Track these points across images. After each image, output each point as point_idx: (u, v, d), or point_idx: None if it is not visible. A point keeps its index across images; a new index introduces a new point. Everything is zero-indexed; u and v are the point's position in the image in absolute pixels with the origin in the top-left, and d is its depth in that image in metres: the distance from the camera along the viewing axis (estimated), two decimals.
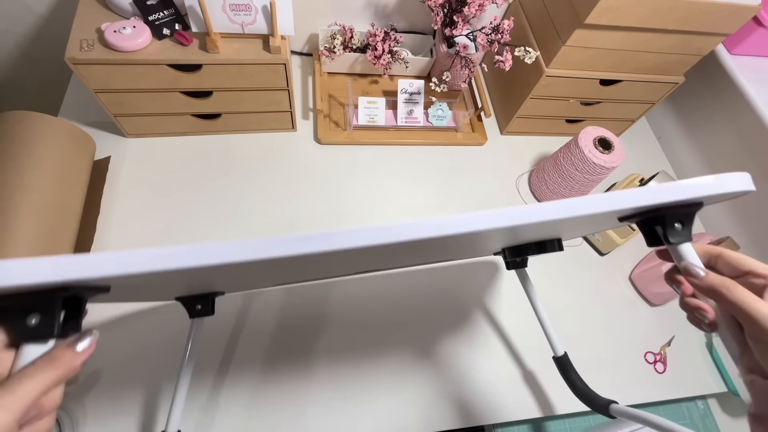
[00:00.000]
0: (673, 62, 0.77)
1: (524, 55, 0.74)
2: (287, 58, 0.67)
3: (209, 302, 0.49)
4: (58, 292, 0.23)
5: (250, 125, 0.80)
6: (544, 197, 0.84)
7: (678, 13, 0.65)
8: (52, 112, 0.66)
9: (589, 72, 0.77)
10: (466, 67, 0.83)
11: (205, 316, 0.49)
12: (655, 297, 0.78)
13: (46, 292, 0.23)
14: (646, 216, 0.32)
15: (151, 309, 0.63)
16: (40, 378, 0.22)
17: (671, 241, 0.31)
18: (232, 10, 0.62)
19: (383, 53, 0.82)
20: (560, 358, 0.59)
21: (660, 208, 0.30)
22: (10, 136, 0.59)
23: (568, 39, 0.69)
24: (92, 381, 0.57)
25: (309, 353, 0.64)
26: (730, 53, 0.83)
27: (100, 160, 0.72)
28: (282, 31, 0.66)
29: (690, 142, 0.98)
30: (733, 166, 0.88)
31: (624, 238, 0.78)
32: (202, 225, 0.71)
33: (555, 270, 0.78)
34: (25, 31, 0.86)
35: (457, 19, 0.76)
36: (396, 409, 0.62)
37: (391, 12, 0.88)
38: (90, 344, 0.25)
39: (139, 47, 0.62)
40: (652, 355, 0.74)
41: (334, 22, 0.84)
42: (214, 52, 0.64)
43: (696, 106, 0.96)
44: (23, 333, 0.24)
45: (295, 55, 0.94)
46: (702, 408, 0.75)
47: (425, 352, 0.67)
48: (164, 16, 0.64)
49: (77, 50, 0.60)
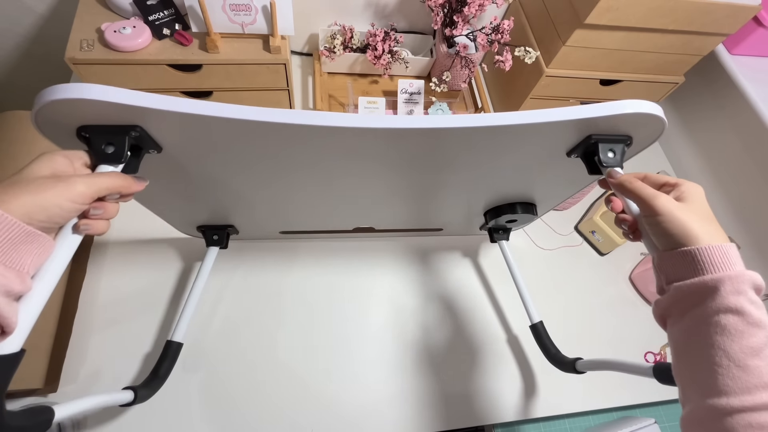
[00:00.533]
0: (673, 62, 0.77)
1: (524, 55, 0.74)
2: (287, 58, 0.67)
3: (224, 236, 0.62)
4: (129, 130, 0.33)
5: None
6: None
7: (678, 13, 0.65)
8: None
9: (589, 72, 0.77)
10: (466, 67, 0.83)
11: (219, 246, 0.61)
12: (655, 297, 0.78)
13: (121, 129, 0.33)
14: (586, 148, 0.40)
15: (151, 309, 0.63)
16: (111, 179, 0.32)
17: (604, 165, 0.39)
18: (232, 10, 0.62)
19: (383, 53, 0.82)
20: (536, 325, 0.64)
21: (592, 136, 0.39)
22: (10, 136, 0.59)
23: (568, 39, 0.69)
24: (92, 381, 0.57)
25: (307, 351, 0.64)
26: (730, 53, 0.83)
27: None
28: (282, 31, 0.66)
29: (690, 142, 0.98)
30: (733, 165, 0.88)
31: (624, 238, 0.78)
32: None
33: (555, 270, 0.78)
34: (25, 31, 0.86)
35: (457, 19, 0.76)
36: (396, 409, 0.62)
37: (391, 12, 0.88)
38: (143, 183, 0.35)
39: (139, 47, 0.62)
40: (652, 354, 0.74)
41: (334, 22, 0.84)
42: (214, 52, 0.64)
43: (696, 106, 0.96)
44: (102, 157, 0.33)
45: (295, 55, 0.94)
46: None
47: (424, 352, 0.67)
48: (164, 16, 0.64)
49: (77, 50, 0.60)
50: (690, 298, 0.31)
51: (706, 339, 0.30)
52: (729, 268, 0.30)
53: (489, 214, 0.62)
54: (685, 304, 0.32)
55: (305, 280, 0.69)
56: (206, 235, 0.61)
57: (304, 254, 0.71)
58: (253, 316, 0.65)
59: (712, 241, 0.31)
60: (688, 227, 0.32)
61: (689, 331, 0.31)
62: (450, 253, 0.76)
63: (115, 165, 0.33)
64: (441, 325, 0.69)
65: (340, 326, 0.67)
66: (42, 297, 0.29)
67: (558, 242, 0.81)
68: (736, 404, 0.27)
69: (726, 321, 0.29)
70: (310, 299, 0.68)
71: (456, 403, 0.64)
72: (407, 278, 0.73)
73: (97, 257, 0.65)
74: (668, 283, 0.33)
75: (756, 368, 0.28)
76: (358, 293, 0.70)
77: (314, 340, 0.65)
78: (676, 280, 0.32)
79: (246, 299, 0.66)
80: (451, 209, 0.63)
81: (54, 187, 0.28)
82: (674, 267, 0.33)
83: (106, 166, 0.33)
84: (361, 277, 0.71)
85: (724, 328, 0.29)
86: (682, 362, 0.32)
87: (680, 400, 0.32)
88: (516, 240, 0.80)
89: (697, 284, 0.31)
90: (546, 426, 0.69)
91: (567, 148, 0.42)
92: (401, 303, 0.70)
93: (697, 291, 0.31)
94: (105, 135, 0.33)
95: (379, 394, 0.63)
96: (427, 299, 0.71)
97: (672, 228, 0.33)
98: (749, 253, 0.85)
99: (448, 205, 0.61)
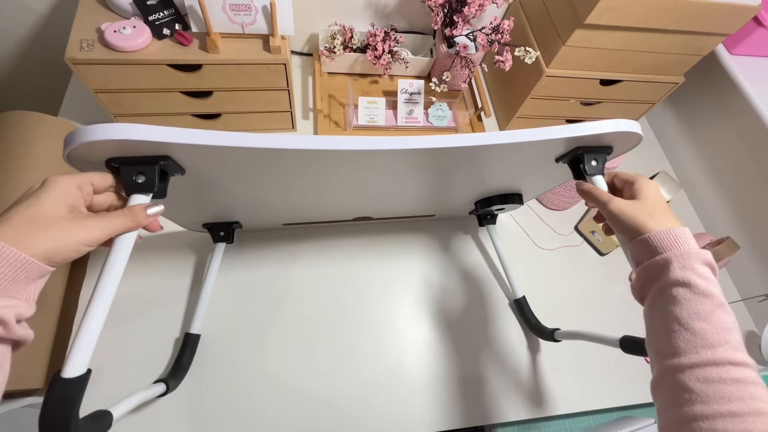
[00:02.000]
0: (673, 62, 0.77)
1: (524, 55, 0.74)
2: (287, 58, 0.67)
3: (230, 231, 0.65)
4: (158, 159, 0.35)
5: (251, 125, 0.80)
6: (544, 197, 0.84)
7: (678, 13, 0.65)
8: (52, 112, 0.66)
9: (589, 72, 0.77)
10: (466, 67, 0.83)
11: (225, 241, 0.65)
12: None
13: (150, 159, 0.35)
14: (573, 157, 0.46)
15: (150, 309, 0.63)
16: (124, 223, 0.33)
17: (588, 172, 0.45)
18: (232, 10, 0.62)
19: (383, 53, 0.82)
20: (519, 300, 0.71)
21: (579, 148, 0.45)
22: (10, 136, 0.59)
23: (568, 39, 0.69)
24: (92, 381, 0.57)
25: (305, 349, 0.64)
26: (730, 53, 0.83)
27: None
28: (282, 31, 0.66)
29: (690, 142, 0.98)
30: (733, 165, 0.88)
31: None
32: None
33: (555, 270, 0.78)
34: (25, 31, 0.86)
35: (457, 19, 0.76)
36: (396, 409, 0.62)
37: (391, 12, 0.88)
38: (156, 211, 0.36)
39: (139, 47, 0.62)
40: None
41: (334, 22, 0.84)
42: (214, 52, 0.64)
43: (696, 106, 0.96)
44: (133, 187, 0.35)
45: (295, 55, 0.94)
46: None
47: (424, 352, 0.67)
48: (164, 16, 0.64)
49: (77, 50, 0.59)
50: (650, 276, 0.36)
51: (662, 310, 0.34)
52: (678, 248, 0.35)
53: (479, 203, 0.68)
54: (647, 282, 0.37)
55: (308, 273, 0.70)
56: (212, 232, 0.65)
57: (307, 248, 0.71)
58: (251, 313, 0.65)
59: (660, 228, 0.37)
60: (639, 221, 0.38)
61: (651, 305, 0.36)
62: (450, 252, 0.77)
63: (146, 194, 0.36)
64: (440, 325, 0.69)
65: (339, 327, 0.67)
66: (101, 317, 0.33)
67: (558, 242, 0.81)
68: (685, 362, 0.31)
69: (676, 292, 0.34)
70: (309, 294, 0.68)
71: (456, 403, 0.64)
72: (407, 274, 0.73)
73: (96, 258, 0.65)
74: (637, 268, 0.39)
75: (702, 330, 0.32)
76: (356, 291, 0.70)
77: (313, 341, 0.65)
78: (640, 264, 0.38)
79: (246, 294, 0.67)
80: (445, 200, 0.67)
81: (74, 235, 0.30)
82: (638, 254, 0.38)
83: (139, 196, 0.35)
84: (359, 275, 0.71)
85: (674, 298, 0.34)
86: (650, 334, 0.36)
87: (651, 370, 0.36)
88: (516, 239, 0.80)
89: (652, 264, 0.36)
90: (546, 426, 0.69)
91: (556, 156, 0.48)
92: (401, 302, 0.70)
93: (653, 270, 0.36)
94: (135, 166, 0.35)
95: (379, 394, 0.63)
96: (427, 298, 0.71)
97: (627, 224, 0.39)
98: (749, 253, 0.85)
99: (443, 198, 0.65)
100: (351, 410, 0.61)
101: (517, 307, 0.71)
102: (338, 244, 0.73)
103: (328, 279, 0.70)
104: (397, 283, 0.72)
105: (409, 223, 0.77)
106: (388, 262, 0.74)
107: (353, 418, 0.61)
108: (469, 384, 0.65)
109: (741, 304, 0.84)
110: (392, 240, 0.76)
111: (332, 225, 0.73)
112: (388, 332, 0.67)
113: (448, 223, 0.79)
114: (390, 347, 0.66)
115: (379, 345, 0.66)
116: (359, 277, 0.71)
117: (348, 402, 0.61)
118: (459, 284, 0.74)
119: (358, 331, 0.67)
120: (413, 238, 0.77)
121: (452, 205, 0.71)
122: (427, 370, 0.65)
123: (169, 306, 0.64)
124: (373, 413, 0.61)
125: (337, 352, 0.65)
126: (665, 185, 0.75)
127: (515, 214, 0.83)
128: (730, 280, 0.88)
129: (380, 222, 0.75)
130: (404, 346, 0.67)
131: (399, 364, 0.65)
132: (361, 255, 0.73)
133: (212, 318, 0.63)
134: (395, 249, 0.75)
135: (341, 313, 0.68)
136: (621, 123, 0.43)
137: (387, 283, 0.72)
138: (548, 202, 0.85)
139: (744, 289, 0.86)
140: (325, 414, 0.60)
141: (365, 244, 0.75)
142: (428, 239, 0.77)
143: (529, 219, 0.83)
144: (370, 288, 0.71)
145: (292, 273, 0.70)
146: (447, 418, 0.62)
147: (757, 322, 0.83)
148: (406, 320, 0.69)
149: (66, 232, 0.30)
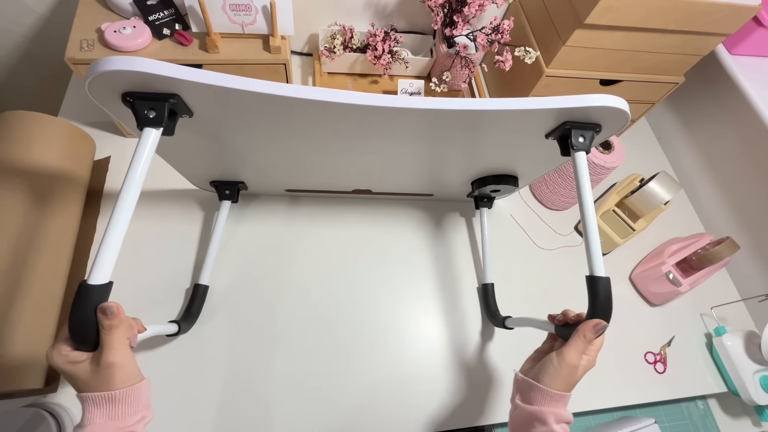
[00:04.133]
0: (673, 62, 0.77)
1: (524, 55, 0.74)
2: (287, 58, 0.67)
3: (235, 191, 0.69)
4: (168, 97, 0.39)
5: None
6: (544, 197, 0.84)
7: (678, 13, 0.65)
8: (52, 112, 0.66)
9: (589, 72, 0.77)
10: (466, 67, 0.83)
11: (230, 200, 0.70)
12: (655, 297, 0.78)
13: (161, 97, 0.39)
14: (562, 132, 0.47)
15: (148, 309, 0.63)
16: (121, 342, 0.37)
17: (574, 147, 0.46)
18: (232, 10, 0.62)
19: (383, 53, 0.82)
20: (486, 285, 0.73)
21: (567, 122, 0.46)
22: (10, 136, 0.59)
23: (568, 39, 0.69)
24: None
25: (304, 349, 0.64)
26: (730, 53, 0.83)
27: (100, 160, 0.72)
28: (282, 31, 0.66)
29: (690, 142, 0.98)
30: (733, 165, 0.88)
31: (624, 238, 0.78)
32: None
33: (555, 270, 0.78)
34: (25, 31, 0.86)
35: (457, 19, 0.76)
36: (396, 409, 0.62)
37: (391, 12, 0.88)
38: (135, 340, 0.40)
39: (139, 47, 0.62)
40: (653, 355, 0.74)
41: (334, 22, 0.84)
42: (214, 52, 0.65)
43: (696, 106, 0.96)
44: (145, 121, 0.39)
45: (295, 55, 0.94)
46: (702, 408, 0.75)
47: (424, 352, 0.67)
48: (164, 16, 0.64)
49: (77, 50, 0.60)
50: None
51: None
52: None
53: (475, 183, 0.69)
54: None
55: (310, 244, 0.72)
56: (219, 189, 0.68)
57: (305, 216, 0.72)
58: (252, 271, 0.69)
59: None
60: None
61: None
62: (449, 253, 0.77)
63: (156, 128, 0.39)
64: (440, 325, 0.69)
65: (338, 327, 0.67)
66: (121, 232, 0.37)
67: (558, 242, 0.81)
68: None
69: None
70: None
71: (456, 403, 0.64)
72: (405, 277, 0.73)
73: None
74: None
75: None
76: (355, 280, 0.70)
77: (309, 340, 0.65)
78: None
79: (249, 251, 0.70)
80: (442, 177, 0.69)
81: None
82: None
83: (149, 129, 0.39)
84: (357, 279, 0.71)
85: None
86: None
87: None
88: (516, 239, 0.80)
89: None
90: None
91: (546, 131, 0.49)
92: (401, 301, 0.70)
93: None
94: (147, 102, 0.38)
95: (379, 394, 0.63)
96: (425, 298, 0.71)
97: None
98: (749, 253, 0.85)
99: (440, 172, 0.67)
100: (350, 410, 0.61)
101: (483, 291, 0.73)
102: (335, 212, 0.76)
103: (320, 243, 0.73)
104: (390, 284, 0.72)
105: (409, 201, 0.79)
106: (386, 232, 0.76)
107: (353, 418, 0.61)
108: (469, 384, 0.65)
109: (741, 304, 0.84)
110: (390, 213, 0.78)
111: (332, 196, 0.76)
112: (388, 331, 0.68)
113: (446, 205, 0.81)
114: (390, 347, 0.66)
115: (378, 345, 0.66)
116: (356, 244, 0.74)
117: (347, 402, 0.61)
118: (459, 275, 0.74)
119: (357, 332, 0.67)
120: (411, 214, 0.79)
121: (449, 184, 0.72)
122: (427, 369, 0.66)
123: (179, 257, 0.68)
124: (372, 413, 0.61)
125: (334, 353, 0.65)
126: (665, 185, 0.75)
127: (515, 214, 0.83)
128: (730, 280, 0.88)
129: (379, 198, 0.78)
130: (404, 345, 0.67)
131: (401, 351, 0.65)
132: (358, 225, 0.76)
133: (218, 273, 0.67)
134: (392, 221, 0.77)
135: (334, 282, 0.68)
136: (608, 98, 0.44)
137: (385, 265, 0.72)
138: (548, 202, 0.85)
139: (744, 289, 0.86)
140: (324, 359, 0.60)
141: (363, 213, 0.77)
142: (425, 217, 0.79)
143: (529, 219, 0.83)
144: (370, 261, 0.73)
145: (290, 235, 0.73)
146: (447, 418, 0.62)
147: (757, 322, 0.83)
148: (406, 314, 0.69)
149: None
